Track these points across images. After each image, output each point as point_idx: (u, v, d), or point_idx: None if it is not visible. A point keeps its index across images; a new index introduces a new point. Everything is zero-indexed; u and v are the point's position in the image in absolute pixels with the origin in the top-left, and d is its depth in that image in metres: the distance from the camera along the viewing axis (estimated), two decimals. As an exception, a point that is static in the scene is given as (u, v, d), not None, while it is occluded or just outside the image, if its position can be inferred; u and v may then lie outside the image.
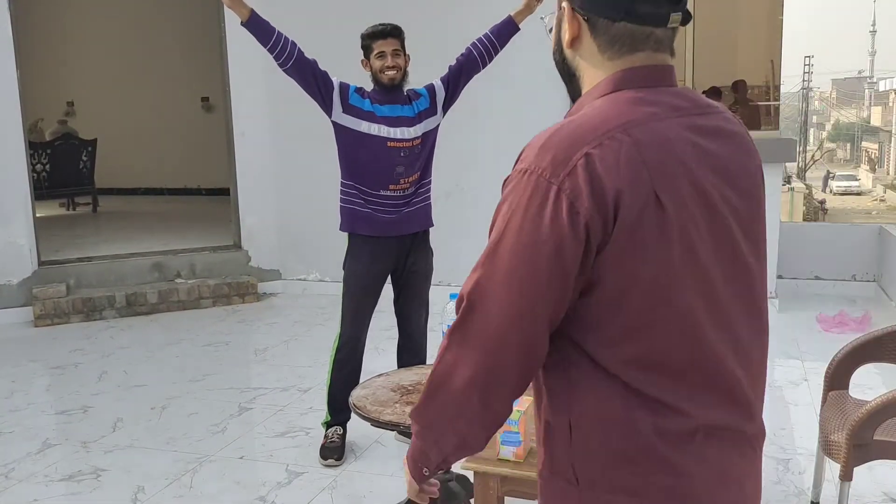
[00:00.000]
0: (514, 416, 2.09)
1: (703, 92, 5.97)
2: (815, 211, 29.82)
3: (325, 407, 3.57)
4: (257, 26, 3.44)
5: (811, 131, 50.70)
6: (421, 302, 3.63)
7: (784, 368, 4.63)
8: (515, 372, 1.11)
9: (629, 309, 1.05)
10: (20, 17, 6.05)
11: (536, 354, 1.10)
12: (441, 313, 2.72)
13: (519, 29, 3.61)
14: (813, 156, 43.09)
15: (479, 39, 3.61)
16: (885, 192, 42.49)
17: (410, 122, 3.39)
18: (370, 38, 3.38)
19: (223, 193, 8.79)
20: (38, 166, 9.10)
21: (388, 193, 3.35)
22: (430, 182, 3.55)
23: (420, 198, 3.49)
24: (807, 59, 43.35)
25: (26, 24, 6.17)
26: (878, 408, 2.33)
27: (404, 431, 2.60)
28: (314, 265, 6.70)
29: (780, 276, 5.92)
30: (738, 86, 6.05)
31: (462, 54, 3.58)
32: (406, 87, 3.45)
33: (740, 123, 1.22)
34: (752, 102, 6.10)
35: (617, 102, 1.11)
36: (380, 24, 3.38)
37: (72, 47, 11.35)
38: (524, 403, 2.13)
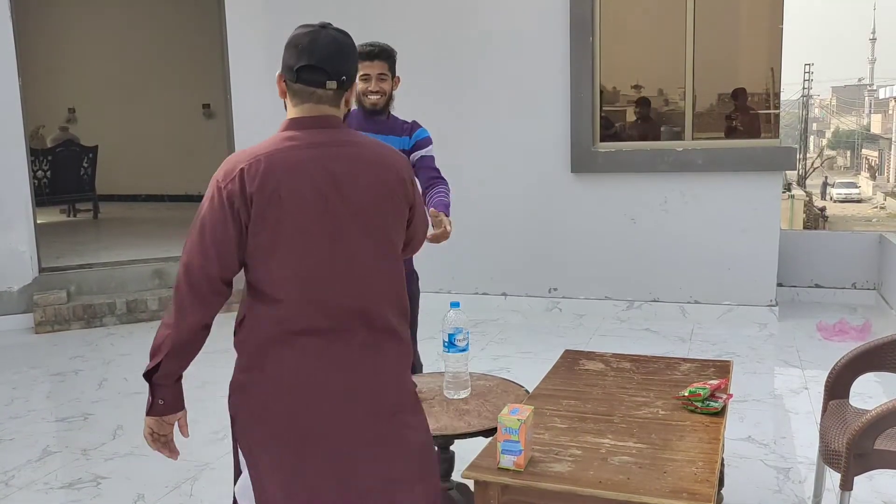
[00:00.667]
0: (513, 424, 2.09)
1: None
2: (816, 218, 29.82)
3: None
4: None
5: (811, 138, 50.70)
6: (413, 326, 3.39)
7: (784, 377, 4.62)
8: (206, 286, 1.81)
9: (263, 251, 1.79)
10: (21, 24, 6.07)
11: (220, 276, 1.81)
12: (442, 321, 2.72)
13: None
14: (813, 163, 43.11)
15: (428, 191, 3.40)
16: (885, 199, 42.51)
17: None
18: (363, 59, 3.19)
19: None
20: (39, 173, 9.10)
21: None
22: None
23: None
24: (807, 66, 43.44)
25: (28, 30, 6.19)
26: (878, 417, 2.33)
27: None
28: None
29: (780, 284, 5.93)
30: (738, 94, 6.05)
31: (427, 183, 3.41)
32: (392, 111, 3.38)
33: (390, 153, 1.94)
34: (752, 110, 6.10)
35: (275, 137, 1.87)
36: (368, 45, 3.21)
37: (73, 54, 11.38)
38: (524, 412, 2.13)
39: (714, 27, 5.81)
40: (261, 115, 6.59)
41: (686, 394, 2.49)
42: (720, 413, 2.44)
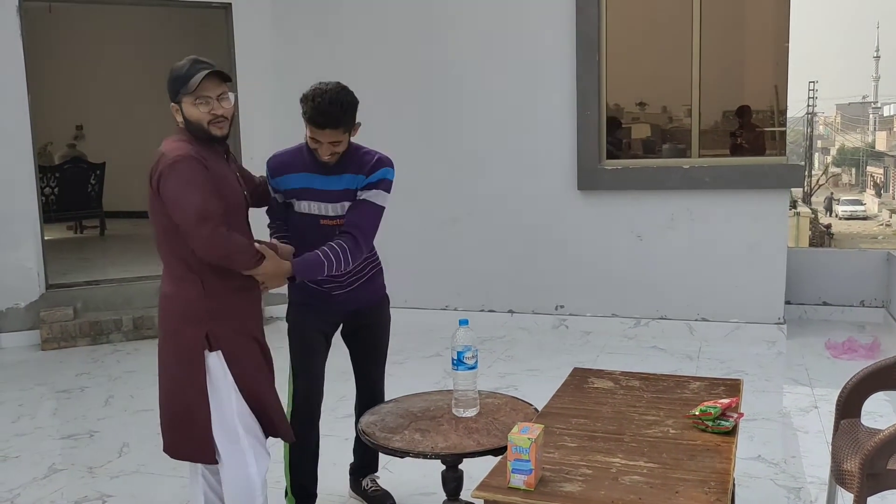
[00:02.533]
0: (524, 444, 2.08)
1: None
2: (821, 236, 29.76)
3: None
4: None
5: (816, 156, 50.73)
6: (378, 358, 3.23)
7: (793, 395, 4.60)
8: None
9: None
10: (30, 41, 6.11)
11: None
12: (450, 338, 2.71)
13: None
14: (818, 181, 43.09)
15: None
16: (890, 217, 42.42)
17: (351, 195, 2.85)
18: (308, 121, 2.74)
19: (230, 217, 8.82)
20: (47, 189, 9.15)
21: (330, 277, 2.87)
22: (375, 254, 3.09)
23: (364, 272, 3.03)
24: (811, 83, 43.54)
25: (36, 47, 6.23)
26: (892, 436, 2.31)
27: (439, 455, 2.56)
28: (321, 289, 6.69)
29: (787, 302, 5.90)
30: (743, 111, 6.06)
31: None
32: (353, 143, 2.89)
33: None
34: (758, 128, 6.10)
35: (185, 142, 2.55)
36: (317, 112, 2.68)
37: (81, 71, 11.45)
38: (535, 431, 2.12)
39: (720, 45, 5.84)
40: (267, 131, 6.63)
41: (697, 412, 2.48)
42: (731, 432, 2.42)
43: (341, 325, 3.14)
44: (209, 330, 2.56)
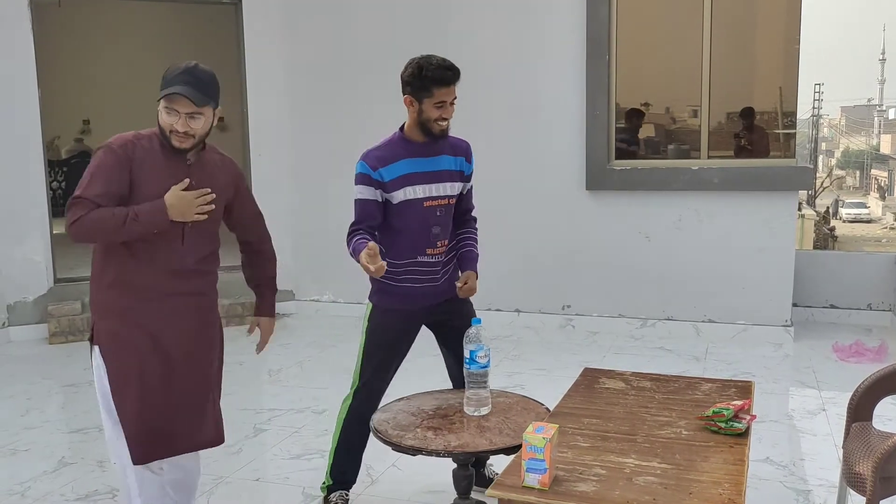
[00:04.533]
0: (539, 443, 2.08)
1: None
2: (825, 238, 29.71)
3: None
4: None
5: (820, 158, 50.63)
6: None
7: (801, 398, 4.60)
8: None
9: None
10: (38, 35, 6.12)
11: None
12: (464, 337, 2.72)
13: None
14: (822, 183, 43.01)
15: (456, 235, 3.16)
16: (894, 219, 42.34)
17: (451, 176, 3.04)
18: (433, 83, 2.88)
19: (237, 213, 8.83)
20: (54, 183, 9.18)
21: (426, 259, 3.00)
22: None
23: (452, 262, 3.15)
24: (816, 86, 43.47)
25: (44, 41, 6.23)
26: (904, 440, 2.31)
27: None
28: (328, 286, 6.71)
29: (794, 304, 5.90)
30: (747, 113, 6.05)
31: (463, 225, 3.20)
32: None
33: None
34: (765, 130, 6.09)
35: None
36: (443, 66, 2.90)
37: (88, 66, 11.46)
38: (549, 431, 2.12)
39: (730, 46, 5.83)
40: (275, 129, 6.65)
41: (710, 413, 2.48)
42: (744, 434, 2.42)
43: (429, 317, 3.12)
44: (94, 323, 2.63)
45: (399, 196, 2.92)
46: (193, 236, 2.62)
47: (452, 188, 3.04)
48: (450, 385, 3.22)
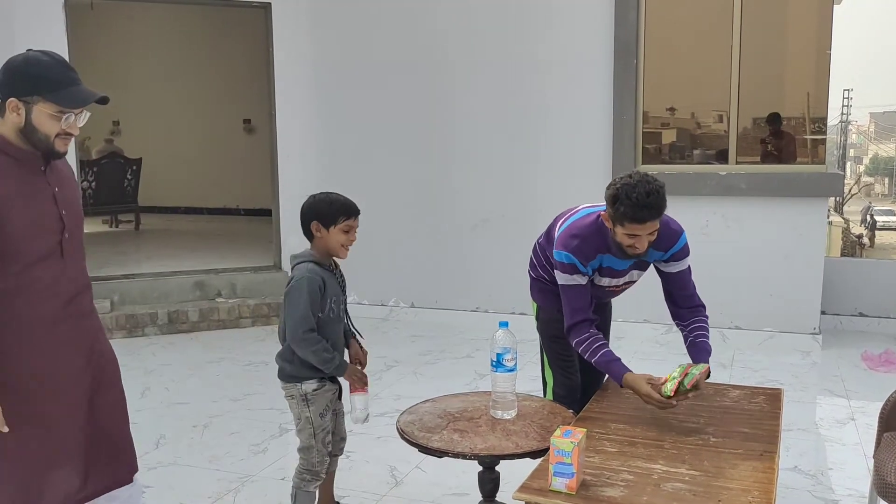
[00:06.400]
0: (567, 447, 2.08)
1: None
2: (853, 245, 29.30)
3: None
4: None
5: (848, 164, 49.97)
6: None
7: (829, 406, 4.54)
8: None
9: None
10: (72, 37, 6.21)
11: None
12: (490, 340, 2.72)
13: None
14: (850, 189, 42.44)
15: (684, 325, 3.10)
16: (924, 227, 41.65)
17: (640, 265, 3.04)
18: (625, 219, 2.67)
19: (262, 214, 8.92)
20: (85, 183, 9.30)
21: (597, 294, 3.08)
22: None
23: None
24: (845, 91, 42.92)
25: (77, 43, 6.33)
26: (937, 451, 2.28)
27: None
28: (353, 287, 6.70)
29: (822, 312, 5.83)
30: (774, 118, 5.99)
31: (682, 315, 3.15)
32: None
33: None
34: (796, 136, 6.03)
35: None
36: (639, 204, 2.62)
37: (119, 67, 11.62)
38: (577, 435, 2.12)
39: (760, 51, 5.78)
40: (303, 131, 6.69)
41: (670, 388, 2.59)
42: (772, 441, 2.41)
43: None
44: None
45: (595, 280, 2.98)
46: (70, 250, 2.25)
47: (637, 275, 3.08)
48: (470, 388, 3.23)
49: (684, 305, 3.05)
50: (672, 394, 2.58)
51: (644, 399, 2.63)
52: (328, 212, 2.93)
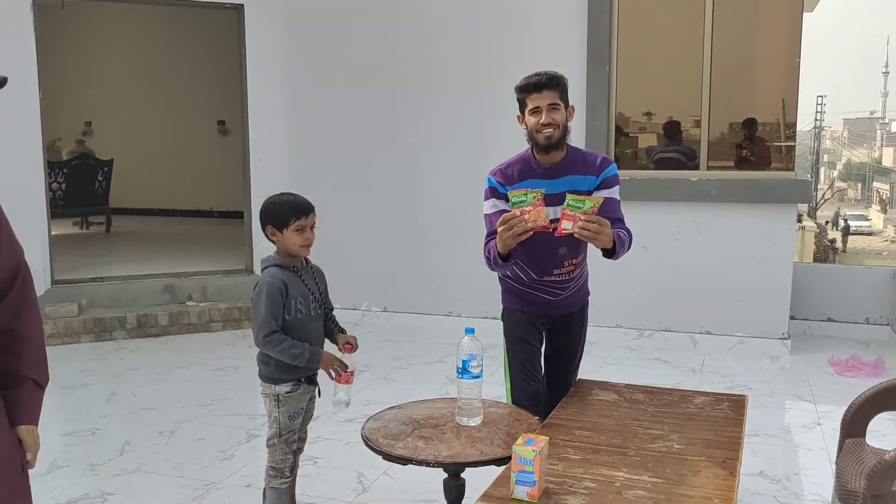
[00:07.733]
0: (528, 455, 2.07)
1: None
2: (825, 250, 29.67)
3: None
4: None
5: (822, 170, 50.64)
6: (574, 361, 3.31)
7: (796, 412, 4.58)
8: None
9: None
10: (40, 37, 6.12)
11: None
12: (456, 347, 2.71)
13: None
14: (824, 195, 43.02)
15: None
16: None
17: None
18: (522, 91, 2.94)
19: (235, 216, 8.85)
20: (55, 185, 9.15)
21: (552, 279, 3.07)
22: (585, 259, 3.23)
23: (580, 278, 3.20)
24: (819, 98, 43.50)
25: (46, 43, 6.24)
26: (896, 458, 2.30)
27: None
28: (325, 292, 6.69)
29: (792, 317, 5.88)
30: (750, 124, 6.04)
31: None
32: (570, 145, 2.99)
33: None
34: (766, 141, 6.09)
35: None
36: (534, 75, 2.91)
37: (91, 67, 11.50)
38: (539, 443, 2.11)
39: (731, 58, 5.83)
40: (275, 132, 6.65)
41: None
42: (735, 450, 2.41)
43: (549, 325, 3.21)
44: None
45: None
46: None
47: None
48: (441, 393, 3.23)
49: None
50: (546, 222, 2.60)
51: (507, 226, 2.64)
52: (278, 215, 2.96)
